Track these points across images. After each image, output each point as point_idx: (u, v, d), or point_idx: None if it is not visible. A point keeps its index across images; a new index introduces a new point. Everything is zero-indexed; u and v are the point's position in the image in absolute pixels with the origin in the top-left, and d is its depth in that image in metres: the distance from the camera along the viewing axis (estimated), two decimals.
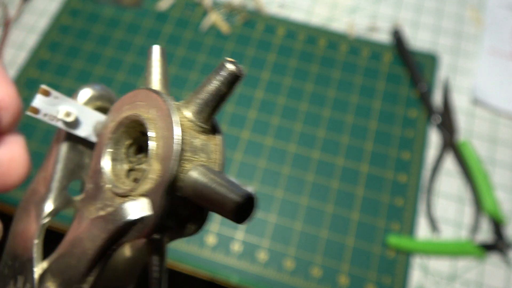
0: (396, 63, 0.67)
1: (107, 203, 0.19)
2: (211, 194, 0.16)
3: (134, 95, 0.19)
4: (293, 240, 0.56)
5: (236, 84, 0.18)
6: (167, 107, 0.17)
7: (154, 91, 0.18)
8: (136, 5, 0.71)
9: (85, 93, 0.23)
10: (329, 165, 0.60)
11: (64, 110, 0.21)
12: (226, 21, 0.70)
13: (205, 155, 0.18)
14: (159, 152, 0.17)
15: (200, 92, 0.18)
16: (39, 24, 0.71)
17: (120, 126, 0.20)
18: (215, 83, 0.17)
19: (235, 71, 0.17)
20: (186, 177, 0.17)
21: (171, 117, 0.17)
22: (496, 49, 0.67)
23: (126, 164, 0.21)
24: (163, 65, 0.20)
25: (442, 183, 0.59)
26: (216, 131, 0.19)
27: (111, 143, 0.20)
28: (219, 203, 0.16)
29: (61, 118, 0.21)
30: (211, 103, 0.18)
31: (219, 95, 0.18)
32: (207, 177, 0.16)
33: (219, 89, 0.17)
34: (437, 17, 0.71)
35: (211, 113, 0.18)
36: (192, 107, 0.18)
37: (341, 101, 0.64)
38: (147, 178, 0.17)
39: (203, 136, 0.18)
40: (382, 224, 0.56)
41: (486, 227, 0.56)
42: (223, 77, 0.17)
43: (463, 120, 0.63)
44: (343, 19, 0.71)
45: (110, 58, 0.67)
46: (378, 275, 0.54)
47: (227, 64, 0.17)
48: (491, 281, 0.53)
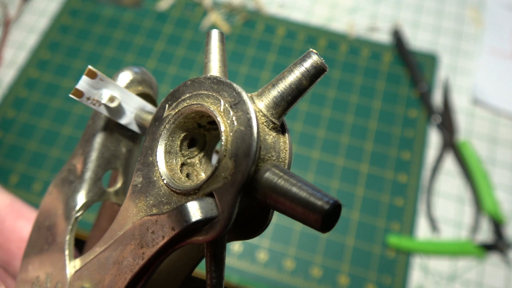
0: (396, 63, 0.67)
1: (163, 200, 0.17)
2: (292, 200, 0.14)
3: (197, 83, 0.17)
4: (293, 240, 0.56)
5: (319, 79, 0.16)
6: (244, 100, 0.16)
7: (225, 80, 0.17)
8: (136, 5, 0.71)
9: (125, 76, 0.21)
10: (329, 165, 0.60)
11: (109, 94, 0.19)
12: (226, 21, 0.70)
13: (276, 154, 0.16)
14: (231, 148, 0.15)
15: (278, 84, 0.16)
16: (39, 24, 0.71)
17: (179, 116, 0.18)
18: (297, 75, 0.16)
19: (321, 64, 0.15)
20: (261, 178, 0.15)
21: (249, 111, 0.15)
22: (496, 49, 0.67)
23: (180, 157, 0.19)
24: (222, 51, 0.19)
25: (442, 183, 0.59)
26: (284, 129, 0.17)
27: (168, 134, 0.18)
28: (302, 210, 0.14)
29: (105, 103, 0.19)
30: (288, 97, 0.16)
31: (299, 89, 0.16)
32: (285, 179, 0.15)
33: (300, 82, 0.16)
34: (437, 17, 0.71)
35: (286, 108, 0.16)
36: (266, 100, 0.16)
37: (341, 101, 0.64)
38: (217, 176, 0.15)
39: (274, 133, 0.16)
40: (382, 224, 0.56)
41: (486, 227, 0.56)
42: (307, 69, 0.16)
43: (463, 120, 0.63)
44: (343, 19, 0.71)
45: (110, 58, 0.67)
46: (378, 275, 0.54)
47: (314, 55, 0.15)
48: (491, 281, 0.53)
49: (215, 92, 0.17)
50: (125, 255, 0.17)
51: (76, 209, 0.20)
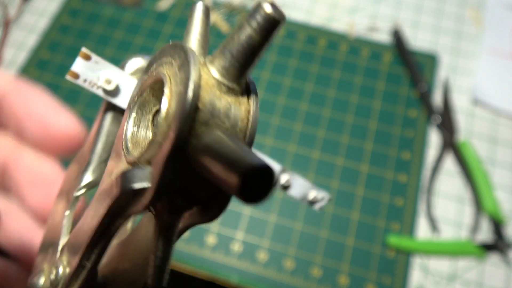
0: (396, 63, 0.67)
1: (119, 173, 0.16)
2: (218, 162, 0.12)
3: (162, 51, 0.17)
4: (293, 240, 0.56)
5: (274, 32, 0.14)
6: (187, 60, 0.14)
7: (178, 43, 0.16)
8: (136, 5, 0.71)
9: (135, 62, 0.21)
10: (329, 165, 0.60)
11: (105, 76, 0.20)
12: (226, 21, 0.70)
13: (229, 121, 0.15)
14: (171, 111, 0.14)
15: (229, 44, 0.14)
16: (39, 24, 0.71)
17: (146, 87, 0.17)
18: (247, 31, 0.14)
19: (273, 14, 0.13)
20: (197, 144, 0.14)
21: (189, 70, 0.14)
22: (496, 49, 0.67)
23: (152, 132, 0.17)
24: (204, 24, 0.17)
25: (442, 183, 0.59)
26: (249, 94, 0.15)
27: (136, 107, 0.17)
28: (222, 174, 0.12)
29: (101, 85, 0.19)
30: (241, 56, 0.14)
31: (251, 45, 0.14)
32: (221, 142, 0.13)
33: (250, 37, 0.14)
34: (437, 17, 0.71)
35: (241, 70, 0.15)
36: (218, 62, 0.15)
37: (341, 101, 0.64)
38: (154, 141, 0.14)
39: (230, 98, 0.15)
40: (382, 224, 0.56)
41: (486, 227, 0.56)
42: (257, 22, 0.14)
43: (463, 120, 0.63)
44: (343, 19, 0.71)
45: (110, 58, 0.67)
46: (378, 275, 0.54)
47: (264, 4, 0.14)
48: (491, 281, 0.53)
49: (171, 57, 0.16)
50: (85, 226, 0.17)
51: (77, 189, 0.21)
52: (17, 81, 0.28)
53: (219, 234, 0.56)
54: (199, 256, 0.55)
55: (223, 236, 0.56)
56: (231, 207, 0.57)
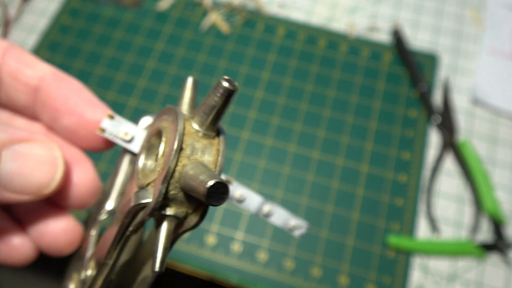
0: (396, 63, 0.67)
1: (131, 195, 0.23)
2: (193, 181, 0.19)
3: (162, 111, 0.24)
4: (293, 240, 0.56)
5: (230, 99, 0.21)
6: (176, 118, 0.21)
7: (173, 107, 0.23)
8: (136, 5, 0.71)
9: (146, 120, 0.28)
10: (329, 165, 0.60)
11: (124, 130, 0.26)
12: (226, 21, 0.70)
13: (205, 156, 0.21)
14: (166, 150, 0.21)
15: (203, 105, 0.21)
16: (39, 24, 0.71)
17: (151, 136, 0.24)
18: (213, 98, 0.21)
19: (230, 88, 0.20)
20: (183, 170, 0.20)
21: (177, 124, 0.21)
22: (496, 49, 0.67)
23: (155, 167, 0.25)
24: (193, 92, 0.25)
25: (442, 183, 0.59)
26: (219, 138, 0.22)
27: (145, 150, 0.24)
28: (196, 188, 0.19)
29: (121, 137, 0.26)
30: (210, 114, 0.21)
31: (217, 108, 0.21)
32: (197, 168, 0.19)
33: (216, 102, 0.21)
34: (437, 17, 0.71)
35: (212, 123, 0.21)
36: (196, 118, 0.22)
37: (341, 101, 0.64)
38: (155, 171, 0.21)
39: (205, 141, 0.22)
40: (382, 224, 0.56)
41: (486, 227, 0.56)
42: (220, 92, 0.20)
43: (463, 120, 0.63)
44: (343, 19, 0.71)
45: (110, 58, 0.67)
46: (378, 275, 0.54)
47: (223, 81, 0.20)
48: (491, 281, 0.53)
49: (167, 115, 0.23)
50: (108, 236, 0.24)
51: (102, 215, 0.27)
52: (56, 72, 0.29)
53: (219, 234, 0.56)
54: (199, 256, 0.55)
55: (223, 236, 0.56)
56: (231, 207, 0.57)
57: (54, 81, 0.28)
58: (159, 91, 0.65)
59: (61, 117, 0.28)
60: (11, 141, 0.23)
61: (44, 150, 0.24)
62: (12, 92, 0.28)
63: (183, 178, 0.20)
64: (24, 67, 0.28)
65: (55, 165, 0.24)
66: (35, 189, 0.24)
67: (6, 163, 0.22)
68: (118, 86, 0.65)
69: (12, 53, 0.28)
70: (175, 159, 0.20)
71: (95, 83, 0.66)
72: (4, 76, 0.28)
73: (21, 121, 0.30)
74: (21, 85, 0.28)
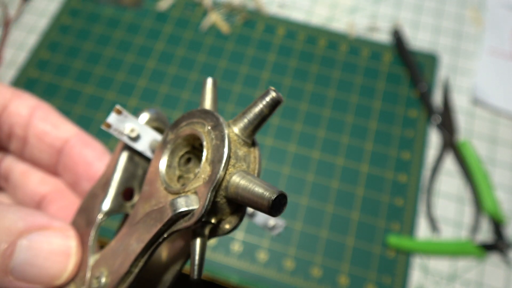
0: (396, 63, 0.67)
1: (161, 201, 0.23)
2: (249, 193, 0.19)
3: (191, 114, 0.24)
4: (293, 240, 0.56)
5: (276, 108, 0.21)
6: (220, 123, 0.22)
7: (209, 110, 0.23)
8: (136, 5, 0.71)
9: (144, 116, 0.27)
10: (329, 165, 0.60)
11: (130, 127, 0.25)
12: (226, 21, 0.70)
13: (246, 164, 0.22)
14: (210, 157, 0.21)
15: (247, 113, 0.22)
16: (39, 24, 0.71)
17: (178, 139, 0.24)
18: (259, 106, 0.21)
19: (277, 98, 0.21)
20: (230, 179, 0.21)
21: (223, 130, 0.21)
22: (496, 49, 0.67)
23: (178, 171, 0.25)
24: (214, 93, 0.25)
25: (442, 183, 0.59)
26: (255, 146, 0.23)
27: (169, 152, 0.24)
28: (256, 199, 0.19)
29: (127, 133, 0.25)
30: (254, 122, 0.21)
31: (262, 116, 0.21)
32: (247, 179, 0.20)
33: (262, 111, 0.21)
34: (437, 17, 0.71)
35: (253, 130, 0.22)
36: (239, 125, 0.22)
37: (341, 101, 0.64)
38: (199, 177, 0.21)
39: (245, 148, 0.22)
40: (382, 224, 0.56)
41: (486, 227, 0.56)
42: (266, 101, 0.21)
43: (463, 120, 0.63)
44: (343, 19, 0.71)
45: (110, 58, 0.67)
46: (378, 275, 0.54)
47: (272, 92, 0.21)
48: (491, 281, 0.53)
49: (202, 119, 0.23)
50: (131, 242, 0.23)
51: (100, 216, 0.26)
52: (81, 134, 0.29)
53: None
54: None
55: (223, 236, 0.56)
56: None
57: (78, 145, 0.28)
58: (159, 91, 0.65)
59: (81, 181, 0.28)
60: (28, 229, 0.23)
61: (60, 239, 0.24)
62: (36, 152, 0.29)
63: (232, 187, 0.20)
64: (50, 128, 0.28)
65: (68, 256, 0.24)
66: (46, 280, 0.23)
67: (20, 253, 0.22)
68: (118, 86, 0.65)
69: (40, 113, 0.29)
70: (225, 167, 0.20)
71: (95, 83, 0.66)
72: (30, 137, 0.28)
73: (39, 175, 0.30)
74: (46, 147, 0.28)
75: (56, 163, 0.29)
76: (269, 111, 0.21)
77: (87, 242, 0.25)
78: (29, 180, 0.30)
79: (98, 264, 0.24)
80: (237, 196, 0.20)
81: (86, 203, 0.27)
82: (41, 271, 0.23)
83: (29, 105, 0.28)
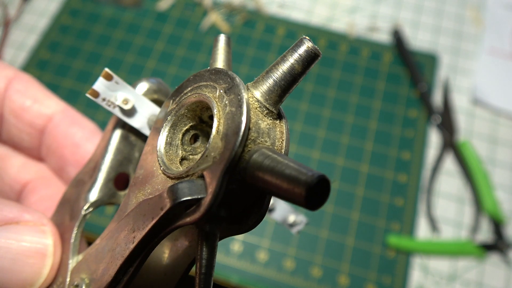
0: (396, 63, 0.67)
1: (158, 187, 0.17)
2: (278, 177, 0.14)
3: (198, 76, 0.18)
4: (293, 240, 0.56)
5: (312, 65, 0.16)
6: (236, 84, 0.16)
7: (221, 69, 0.17)
8: (136, 5, 0.71)
9: (142, 86, 0.22)
10: (329, 165, 0.60)
11: (123, 96, 0.20)
12: (226, 21, 0.70)
13: (270, 140, 0.16)
14: (223, 129, 0.15)
15: (272, 71, 0.16)
16: (39, 24, 0.71)
17: (181, 108, 0.18)
18: (290, 62, 0.16)
19: (313, 49, 0.16)
20: (250, 159, 0.15)
21: (240, 93, 0.15)
22: (496, 49, 0.67)
23: (181, 151, 0.19)
24: (227, 53, 0.19)
25: (442, 183, 0.59)
26: (281, 118, 0.17)
27: (169, 126, 0.18)
28: (287, 185, 0.14)
29: (119, 104, 0.20)
30: (283, 83, 0.16)
31: (292, 74, 0.16)
32: (273, 159, 0.14)
33: (293, 67, 0.16)
34: (437, 17, 0.71)
35: (281, 95, 0.16)
36: (261, 87, 0.16)
37: (341, 101, 0.64)
38: (207, 156, 0.15)
39: (269, 120, 0.16)
40: (382, 224, 0.56)
41: (486, 227, 0.56)
42: (300, 54, 0.16)
43: (463, 120, 0.63)
44: (343, 19, 0.71)
45: (110, 58, 0.67)
46: (378, 275, 0.54)
47: (306, 41, 0.16)
48: (491, 281, 0.53)
49: (212, 81, 0.17)
50: (118, 241, 0.17)
51: (85, 207, 0.21)
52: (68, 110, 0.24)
53: None
54: None
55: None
56: None
57: (64, 123, 0.24)
58: None
59: (68, 167, 0.24)
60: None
61: (33, 235, 0.19)
62: (14, 132, 0.24)
63: (253, 169, 0.15)
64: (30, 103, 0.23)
65: (43, 257, 0.19)
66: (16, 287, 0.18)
67: None
68: None
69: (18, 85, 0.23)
70: (243, 142, 0.15)
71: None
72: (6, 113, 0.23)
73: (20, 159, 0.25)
74: (25, 125, 0.23)
75: (39, 145, 0.24)
76: (303, 69, 0.16)
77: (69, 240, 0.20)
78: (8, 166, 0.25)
79: (79, 269, 0.19)
80: (260, 182, 0.15)
81: (70, 192, 0.22)
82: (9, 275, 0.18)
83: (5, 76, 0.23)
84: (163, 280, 0.20)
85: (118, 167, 0.22)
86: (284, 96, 0.16)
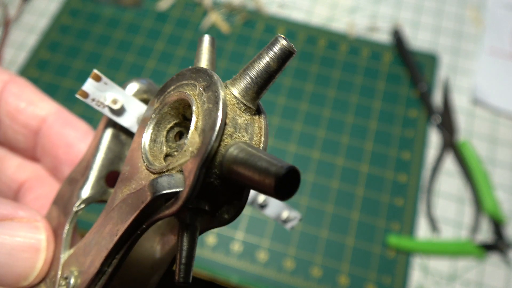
0: (396, 63, 0.67)
1: (142, 182, 0.18)
2: (250, 169, 0.15)
3: (181, 75, 0.19)
4: (293, 240, 0.56)
5: (287, 62, 0.17)
6: (214, 81, 0.17)
7: (202, 68, 0.18)
8: (136, 5, 0.71)
9: (132, 87, 0.23)
10: (329, 165, 0.60)
11: (112, 96, 0.21)
12: (226, 21, 0.70)
13: (248, 135, 0.17)
14: (201, 125, 0.16)
15: (249, 69, 0.17)
16: (39, 24, 0.71)
17: (164, 106, 0.19)
18: (266, 59, 0.17)
19: (288, 47, 0.16)
20: (226, 153, 0.16)
21: (217, 90, 0.16)
22: (496, 49, 0.67)
23: (166, 147, 0.20)
24: (211, 53, 0.20)
25: (442, 183, 0.59)
26: (260, 114, 0.18)
27: (153, 123, 0.19)
28: (258, 177, 0.15)
29: (108, 104, 0.21)
30: (259, 80, 0.17)
31: (268, 71, 0.17)
32: (247, 152, 0.15)
33: (268, 65, 0.17)
34: (437, 17, 0.71)
35: (258, 92, 0.17)
36: (239, 84, 0.17)
37: (341, 101, 0.64)
38: (185, 151, 0.16)
39: (247, 116, 0.17)
40: (382, 224, 0.56)
41: (486, 227, 0.56)
42: (275, 52, 0.16)
43: (463, 120, 0.63)
44: (343, 19, 0.71)
45: (110, 58, 0.67)
46: (378, 275, 0.54)
47: (281, 40, 0.16)
48: (491, 281, 0.53)
49: (193, 80, 0.18)
50: (104, 235, 0.19)
51: (76, 204, 0.22)
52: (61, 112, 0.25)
53: (219, 234, 0.56)
54: (199, 256, 0.55)
55: (223, 236, 0.56)
56: None
57: (58, 124, 0.25)
58: None
59: (62, 166, 0.25)
60: None
61: (27, 231, 0.20)
62: (10, 133, 0.25)
63: (228, 162, 0.16)
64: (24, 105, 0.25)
65: (37, 251, 0.20)
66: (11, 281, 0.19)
67: None
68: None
69: (13, 88, 0.25)
70: (219, 136, 0.16)
71: None
72: (2, 115, 0.24)
73: (16, 160, 0.26)
74: (20, 127, 0.25)
75: (35, 146, 0.26)
76: (278, 66, 0.17)
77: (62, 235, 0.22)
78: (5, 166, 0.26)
79: (69, 262, 0.20)
80: (234, 174, 0.16)
81: (64, 190, 0.23)
82: (4, 270, 0.19)
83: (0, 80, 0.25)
84: (150, 274, 0.21)
85: (109, 165, 0.23)
86: (261, 93, 0.17)
